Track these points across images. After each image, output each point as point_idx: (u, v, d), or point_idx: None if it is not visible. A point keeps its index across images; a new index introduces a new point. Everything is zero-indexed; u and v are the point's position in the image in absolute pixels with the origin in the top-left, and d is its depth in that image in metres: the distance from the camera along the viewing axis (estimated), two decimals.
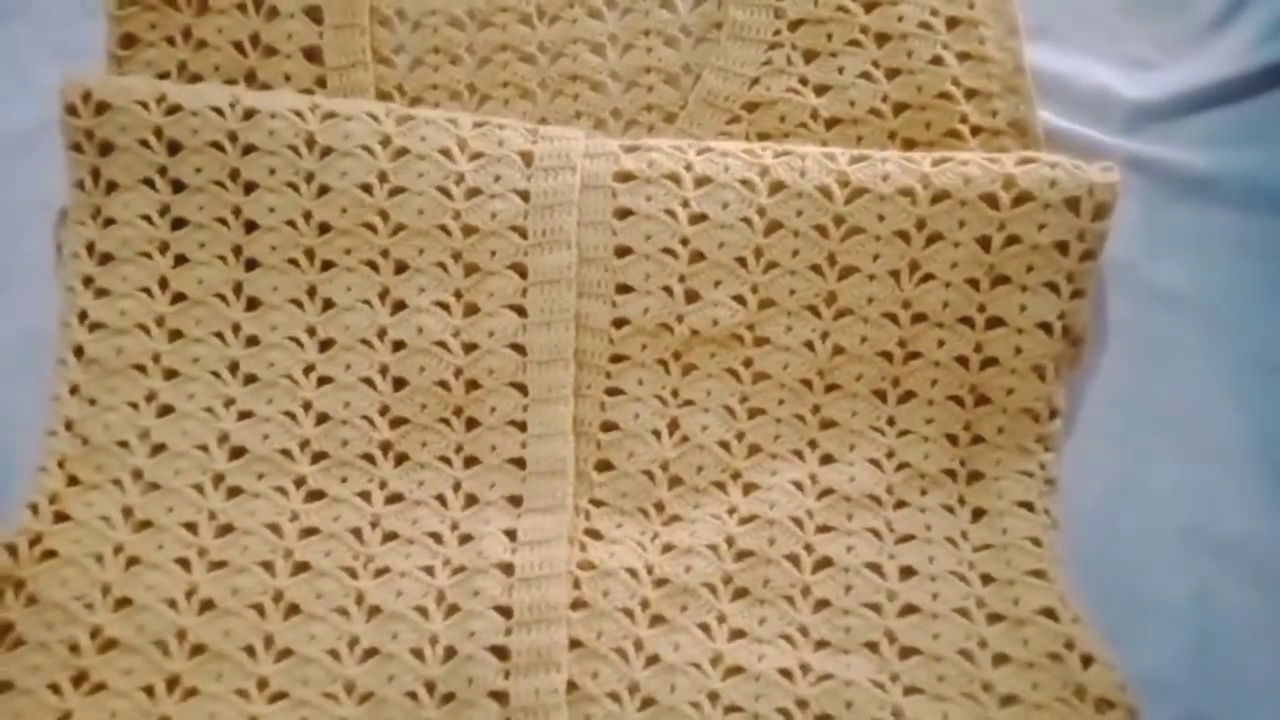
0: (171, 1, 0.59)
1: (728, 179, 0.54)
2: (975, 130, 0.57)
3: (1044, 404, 0.54)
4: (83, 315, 0.55)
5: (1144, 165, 0.59)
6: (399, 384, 0.55)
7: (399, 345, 0.54)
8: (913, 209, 0.53)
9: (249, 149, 0.55)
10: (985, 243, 0.53)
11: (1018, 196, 0.53)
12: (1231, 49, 0.61)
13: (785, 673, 0.50)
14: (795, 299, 0.54)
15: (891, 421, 0.54)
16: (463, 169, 0.55)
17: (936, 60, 0.57)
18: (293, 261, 0.55)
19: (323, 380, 0.55)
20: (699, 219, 0.54)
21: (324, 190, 0.55)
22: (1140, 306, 0.58)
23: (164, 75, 0.58)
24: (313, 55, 0.59)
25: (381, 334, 0.55)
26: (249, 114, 0.55)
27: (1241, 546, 0.55)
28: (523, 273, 0.55)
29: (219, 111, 0.55)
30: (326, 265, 0.55)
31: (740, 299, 0.54)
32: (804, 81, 0.58)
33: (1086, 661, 0.50)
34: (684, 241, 0.54)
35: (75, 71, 0.56)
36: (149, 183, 0.55)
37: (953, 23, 0.57)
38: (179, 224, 0.55)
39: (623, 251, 0.55)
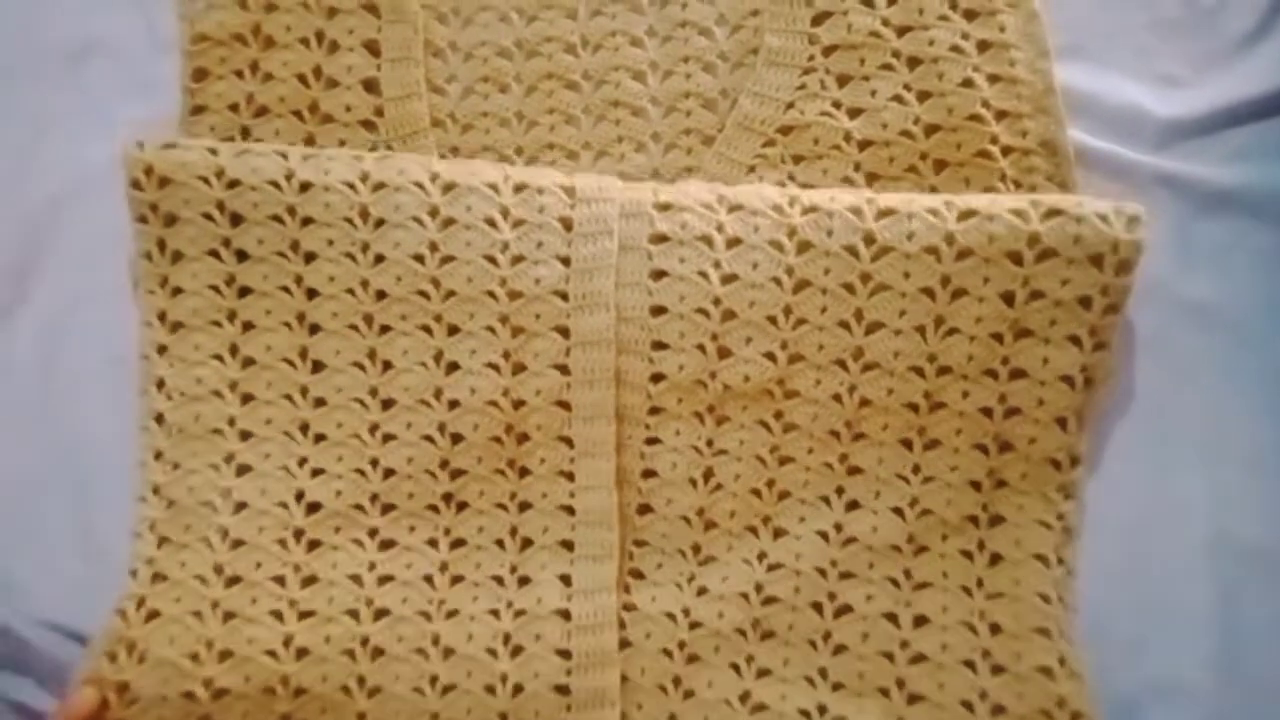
0: (240, 37, 0.62)
1: (757, 240, 0.56)
2: (1006, 150, 0.58)
3: (1066, 453, 0.55)
4: (160, 383, 0.58)
5: (1174, 182, 0.60)
6: (456, 439, 0.58)
7: (454, 404, 0.58)
8: (938, 266, 0.54)
9: (307, 221, 0.58)
10: (1009, 298, 0.54)
11: (1041, 253, 0.54)
12: (1261, 66, 0.61)
13: (804, 712, 0.55)
14: (824, 354, 0.56)
15: (916, 469, 0.56)
16: (507, 237, 0.57)
17: (967, 83, 0.58)
18: (353, 327, 0.58)
19: (387, 438, 0.58)
20: (730, 279, 0.56)
21: (379, 260, 0.58)
22: (1169, 320, 0.59)
23: (233, 107, 0.61)
24: (371, 87, 0.62)
25: (438, 394, 0.58)
26: (304, 186, 0.58)
27: (1266, 554, 0.56)
28: (565, 334, 0.57)
29: (276, 185, 0.58)
30: (384, 329, 0.58)
31: (770, 355, 0.56)
32: (837, 105, 0.59)
33: (1075, 717, 0.53)
34: (716, 301, 0.56)
35: (132, 142, 0.59)
36: (214, 254, 0.58)
37: (984, 45, 0.59)
38: (244, 292, 0.58)
39: (658, 311, 0.57)
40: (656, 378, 0.57)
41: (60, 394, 0.62)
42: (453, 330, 0.58)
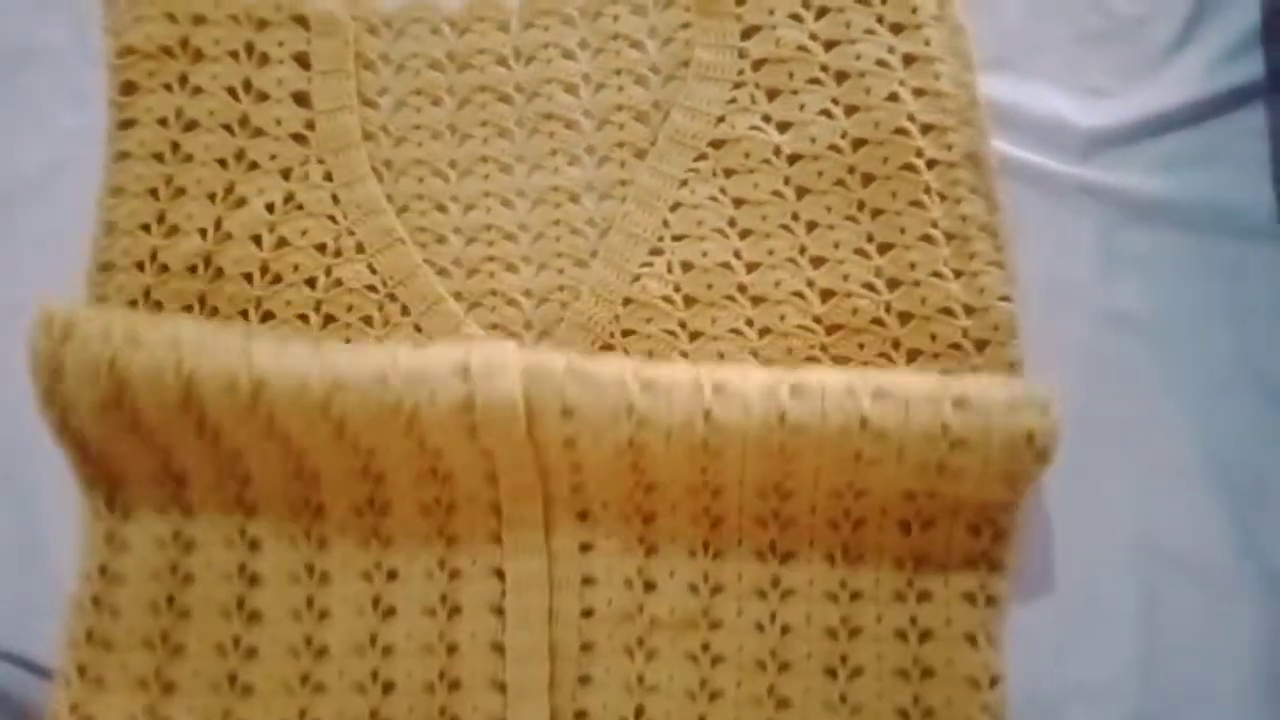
0: (168, 50, 0.61)
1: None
2: (931, 164, 0.58)
3: (983, 671, 0.55)
4: (74, 707, 0.56)
5: (1097, 191, 0.60)
6: (388, 688, 0.57)
7: (389, 650, 0.57)
8: (840, 502, 0.56)
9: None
10: (906, 527, 0.56)
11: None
12: (1185, 75, 0.62)
13: None
14: (743, 584, 0.56)
15: (844, 699, 0.56)
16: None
17: (893, 97, 0.58)
18: (294, 577, 0.58)
19: (317, 689, 0.57)
20: (650, 518, 0.57)
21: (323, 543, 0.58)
22: (1094, 328, 0.60)
23: (162, 121, 0.61)
24: (302, 100, 0.62)
25: (373, 640, 0.57)
26: (254, 544, 0.58)
27: (1188, 557, 0.57)
28: (501, 576, 0.57)
29: (225, 534, 0.58)
30: (325, 579, 0.58)
31: (694, 587, 0.56)
32: (767, 119, 0.59)
33: None
34: (640, 539, 0.57)
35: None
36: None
37: (909, 59, 0.59)
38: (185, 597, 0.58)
39: (586, 548, 0.57)
40: (587, 612, 0.57)
41: None
42: (392, 575, 0.58)
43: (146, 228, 0.61)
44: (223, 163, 0.61)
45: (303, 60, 0.62)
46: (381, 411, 0.54)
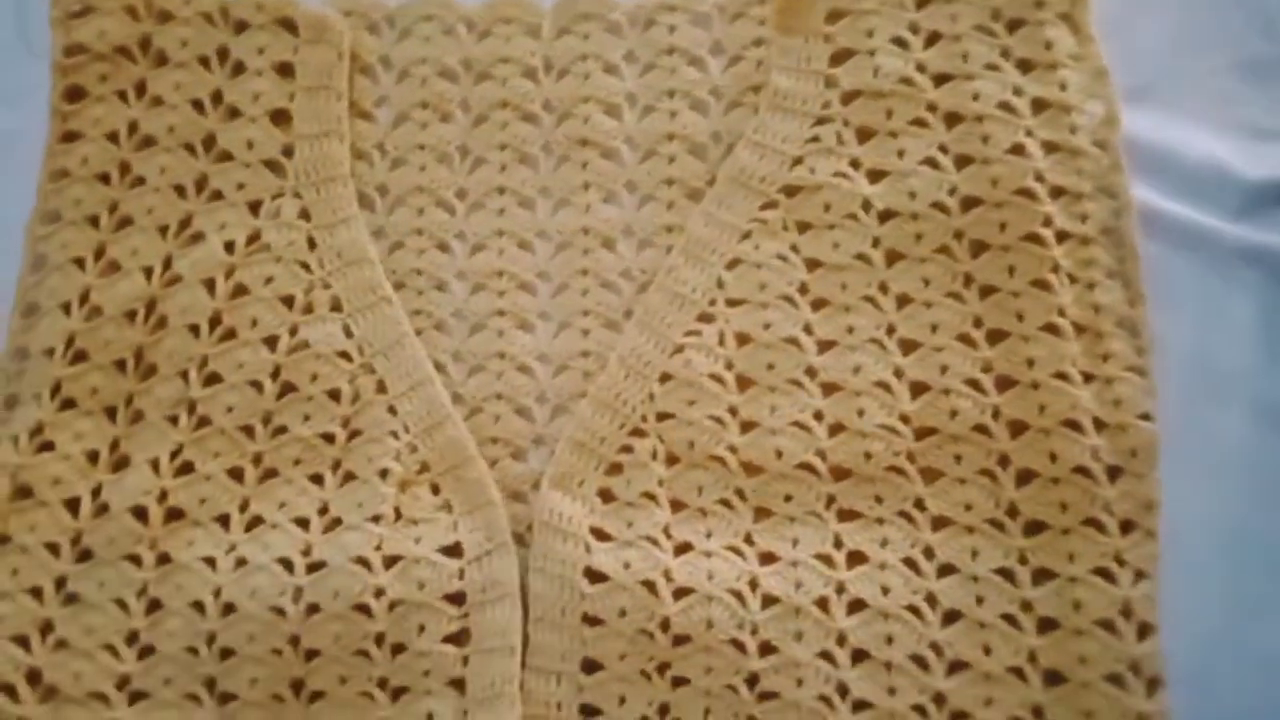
0: (125, 51, 0.55)
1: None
2: (1061, 236, 0.50)
3: None
4: None
5: (1262, 256, 0.53)
6: None
7: None
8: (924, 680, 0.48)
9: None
10: None
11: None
12: None
13: None
14: None
15: None
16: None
17: (1017, 149, 0.51)
18: None
19: None
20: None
21: None
22: (1258, 426, 0.51)
23: (112, 136, 0.55)
24: (281, 119, 0.55)
25: None
26: (225, 653, 0.50)
27: None
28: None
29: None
30: None
31: None
32: (856, 165, 0.52)
33: None
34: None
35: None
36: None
37: (1040, 105, 0.52)
38: None
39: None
40: None
41: None
42: None
43: (80, 262, 0.53)
44: (180, 190, 0.54)
45: (285, 71, 0.55)
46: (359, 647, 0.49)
